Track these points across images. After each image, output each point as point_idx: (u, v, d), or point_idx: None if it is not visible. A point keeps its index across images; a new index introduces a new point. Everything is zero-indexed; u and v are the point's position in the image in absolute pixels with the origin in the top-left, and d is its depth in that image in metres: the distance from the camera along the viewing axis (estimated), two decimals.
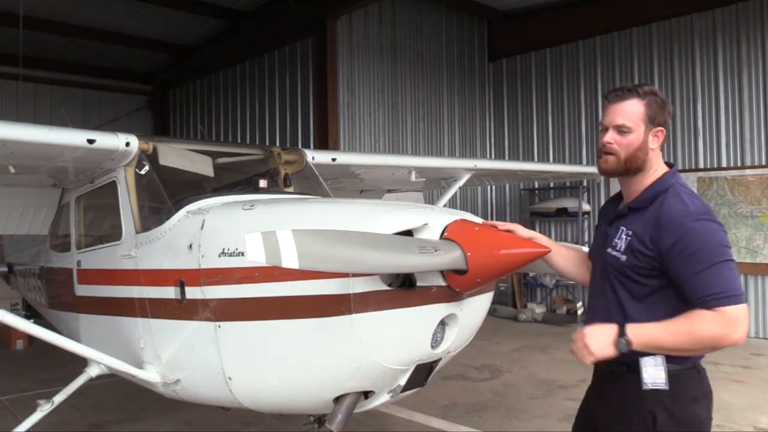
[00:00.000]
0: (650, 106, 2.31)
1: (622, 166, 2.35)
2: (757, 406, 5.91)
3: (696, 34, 10.14)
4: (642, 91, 2.33)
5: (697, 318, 2.12)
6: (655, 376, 2.21)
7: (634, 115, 2.31)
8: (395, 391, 3.04)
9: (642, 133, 2.31)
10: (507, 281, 11.73)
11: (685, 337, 2.13)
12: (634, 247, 2.27)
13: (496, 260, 2.56)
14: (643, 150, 2.32)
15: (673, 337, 2.14)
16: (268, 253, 2.25)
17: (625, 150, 2.32)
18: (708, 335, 2.12)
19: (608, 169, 2.38)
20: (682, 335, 2.14)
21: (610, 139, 2.34)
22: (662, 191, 2.29)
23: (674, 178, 2.34)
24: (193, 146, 4.57)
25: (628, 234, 2.31)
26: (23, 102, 13.72)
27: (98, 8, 11.81)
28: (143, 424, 5.78)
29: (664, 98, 2.37)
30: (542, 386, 6.81)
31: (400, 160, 7.18)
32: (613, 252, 2.35)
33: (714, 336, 2.12)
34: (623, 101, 2.33)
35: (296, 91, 11.48)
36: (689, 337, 2.13)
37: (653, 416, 2.23)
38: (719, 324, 2.10)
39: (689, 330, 2.13)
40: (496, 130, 13.36)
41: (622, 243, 2.33)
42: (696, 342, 2.14)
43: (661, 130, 2.34)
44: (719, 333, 2.11)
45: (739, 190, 9.54)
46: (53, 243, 5.47)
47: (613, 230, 2.40)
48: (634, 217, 2.33)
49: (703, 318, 2.11)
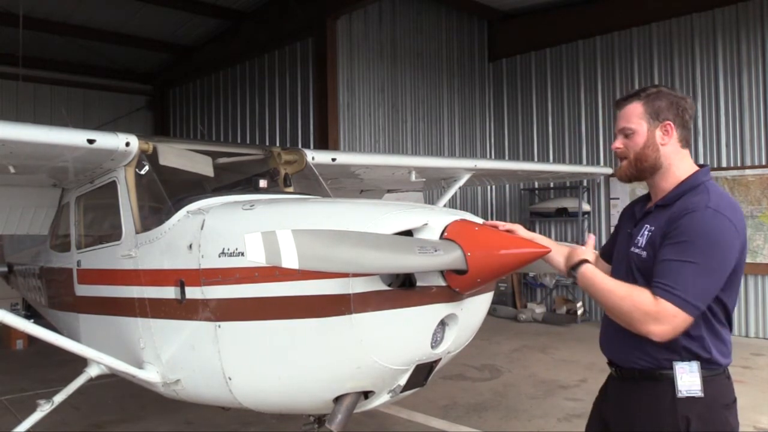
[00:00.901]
0: (651, 103, 2.31)
1: (635, 167, 2.35)
2: (757, 406, 5.91)
3: (696, 34, 10.14)
4: (644, 93, 2.34)
5: (638, 290, 2.14)
6: (690, 383, 2.15)
7: (633, 116, 2.33)
8: (395, 391, 3.04)
9: (645, 131, 2.31)
10: (507, 281, 11.72)
11: (617, 296, 2.16)
12: (654, 244, 2.23)
13: (496, 260, 2.56)
14: (650, 147, 2.31)
15: (608, 291, 2.20)
16: (268, 253, 2.25)
17: (632, 150, 2.34)
18: (632, 311, 2.12)
19: (624, 174, 2.41)
20: (615, 295, 2.17)
21: (619, 144, 2.39)
22: (691, 188, 2.24)
23: (706, 176, 2.29)
24: (193, 146, 4.57)
25: (650, 230, 2.28)
26: (23, 102, 13.73)
27: (98, 8, 11.81)
28: (143, 424, 5.78)
29: (675, 94, 2.34)
30: (542, 386, 6.81)
31: (400, 160, 7.19)
32: (635, 249, 2.31)
33: (636, 312, 2.11)
34: (625, 106, 2.38)
35: (296, 91, 11.48)
36: (620, 297, 2.16)
37: (687, 425, 2.13)
38: (648, 309, 2.08)
39: (625, 291, 2.16)
40: (496, 130, 13.36)
41: (644, 239, 2.29)
42: (619, 309, 2.16)
43: (669, 123, 2.30)
44: (641, 316, 2.10)
45: (739, 190, 9.54)
46: (53, 243, 5.47)
47: (637, 229, 2.36)
48: (659, 214, 2.29)
49: (643, 293, 2.12)
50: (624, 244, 2.44)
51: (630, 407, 2.30)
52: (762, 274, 9.37)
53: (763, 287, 9.40)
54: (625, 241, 2.43)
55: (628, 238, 2.41)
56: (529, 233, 2.68)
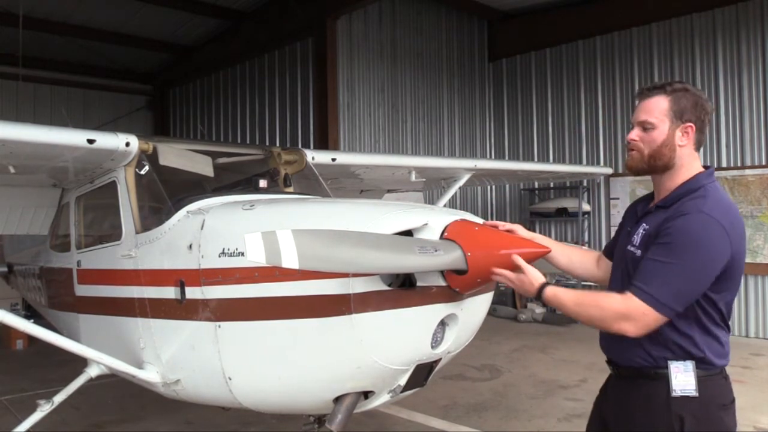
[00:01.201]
0: (677, 101, 2.26)
1: (646, 163, 2.30)
2: (757, 406, 5.90)
3: (696, 34, 10.14)
4: (670, 88, 2.28)
5: (603, 296, 2.19)
6: (684, 383, 2.15)
7: (657, 111, 2.27)
8: (395, 391, 3.04)
9: (666, 129, 2.26)
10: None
11: (587, 305, 2.21)
12: (647, 242, 2.23)
13: (496, 260, 2.56)
14: (668, 146, 2.26)
15: (575, 304, 2.22)
16: (268, 253, 2.25)
17: (648, 146, 2.28)
18: (600, 312, 2.16)
19: (632, 166, 2.36)
20: (584, 305, 2.21)
21: (635, 135, 2.32)
22: (692, 190, 2.22)
23: (708, 179, 2.26)
24: (193, 146, 4.57)
25: (645, 229, 2.28)
26: (23, 102, 13.72)
27: (98, 8, 11.81)
28: (143, 424, 5.78)
29: (700, 95, 2.30)
30: (542, 386, 6.81)
31: (400, 160, 7.19)
32: (631, 248, 2.32)
33: (605, 315, 2.16)
34: (650, 98, 2.30)
35: (296, 91, 11.48)
36: (589, 305, 2.20)
37: (681, 424, 2.15)
38: (617, 308, 2.13)
39: (592, 300, 2.20)
40: (496, 130, 13.36)
41: (638, 238, 2.29)
42: (591, 317, 2.20)
43: (691, 126, 2.26)
44: (612, 316, 2.14)
45: (739, 190, 9.54)
46: (53, 243, 5.47)
47: (635, 228, 2.36)
48: (658, 215, 2.28)
49: (610, 297, 2.17)
50: (623, 242, 2.44)
51: (627, 406, 2.31)
52: (762, 274, 9.37)
53: (763, 287, 9.40)
54: (625, 239, 2.43)
55: (627, 237, 2.41)
56: (529, 233, 2.68)
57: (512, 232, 2.65)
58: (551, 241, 2.70)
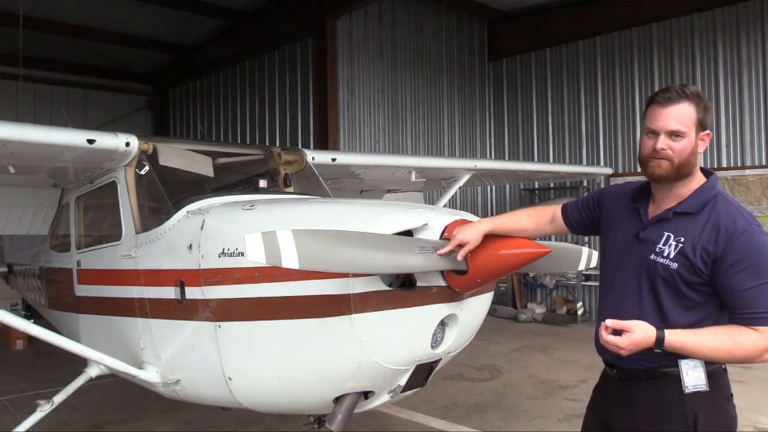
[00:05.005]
0: (701, 110, 2.24)
1: (675, 172, 2.24)
2: (757, 406, 5.90)
3: (696, 34, 10.14)
4: (692, 95, 2.24)
5: (737, 333, 2.12)
6: (696, 379, 2.16)
7: (687, 120, 2.22)
8: (395, 391, 3.04)
9: (694, 138, 2.23)
10: (507, 281, 11.72)
11: (723, 351, 2.13)
12: (687, 255, 2.19)
13: (496, 260, 2.56)
14: (694, 155, 2.24)
15: (710, 350, 2.14)
16: (268, 253, 2.25)
17: (679, 156, 2.21)
18: (744, 352, 2.12)
19: (662, 175, 2.24)
20: (720, 350, 2.13)
21: (664, 144, 2.21)
22: (712, 197, 2.24)
23: (718, 183, 2.32)
24: (193, 146, 4.57)
25: (679, 241, 2.22)
26: (23, 102, 13.72)
27: (98, 8, 11.81)
28: (143, 424, 5.78)
29: (708, 102, 2.31)
30: (542, 386, 6.81)
31: (400, 160, 7.18)
32: (659, 259, 2.24)
33: (750, 353, 2.12)
34: (674, 104, 2.22)
35: (296, 91, 11.48)
36: (727, 351, 2.13)
37: (695, 418, 2.17)
38: (758, 342, 2.11)
39: (729, 344, 2.12)
40: (496, 130, 13.36)
41: (671, 250, 2.22)
42: (731, 356, 2.15)
43: (708, 134, 2.27)
44: (756, 351, 2.12)
45: (739, 190, 9.53)
46: (53, 243, 5.47)
47: (653, 235, 2.29)
48: (683, 223, 2.23)
49: (743, 334, 2.11)
50: (629, 243, 2.37)
51: (635, 407, 2.30)
52: None
53: None
54: (631, 241, 2.36)
55: (634, 240, 2.34)
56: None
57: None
58: (515, 218, 2.68)
